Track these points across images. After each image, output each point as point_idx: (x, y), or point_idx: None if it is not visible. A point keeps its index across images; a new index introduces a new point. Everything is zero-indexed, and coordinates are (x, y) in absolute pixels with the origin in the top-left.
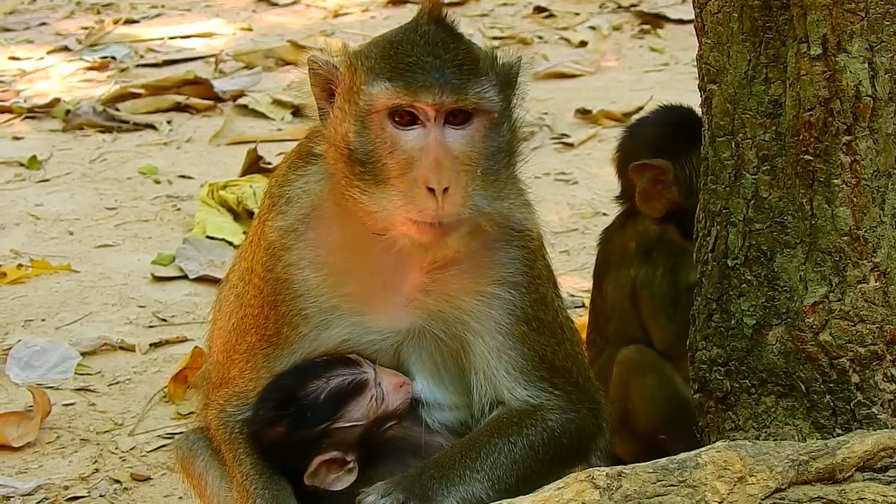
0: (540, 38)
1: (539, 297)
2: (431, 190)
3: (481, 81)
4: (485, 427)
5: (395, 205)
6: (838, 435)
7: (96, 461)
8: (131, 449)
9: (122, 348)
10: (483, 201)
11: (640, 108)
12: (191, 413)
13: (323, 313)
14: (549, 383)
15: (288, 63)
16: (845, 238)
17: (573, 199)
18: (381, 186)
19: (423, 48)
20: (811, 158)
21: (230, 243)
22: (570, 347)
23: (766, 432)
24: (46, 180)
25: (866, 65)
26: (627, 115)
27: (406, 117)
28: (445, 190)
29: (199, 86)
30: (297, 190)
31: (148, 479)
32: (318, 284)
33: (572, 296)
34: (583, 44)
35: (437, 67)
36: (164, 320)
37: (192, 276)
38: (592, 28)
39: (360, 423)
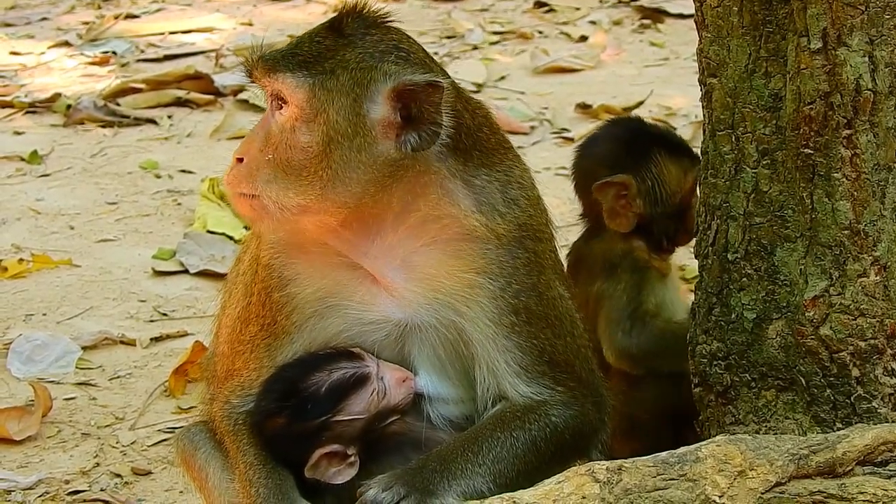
0: (540, 32)
1: (525, 287)
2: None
3: (294, 74)
4: (488, 421)
5: None
6: (839, 429)
7: (97, 455)
8: (132, 443)
9: (122, 343)
10: (270, 188)
11: (641, 103)
12: (191, 407)
13: (314, 302)
14: (551, 379)
15: None
16: (846, 232)
17: (573, 194)
18: None
19: (299, 37)
20: (811, 152)
21: (231, 238)
22: (572, 340)
23: (766, 426)
24: (47, 175)
25: (866, 58)
26: (627, 109)
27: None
28: (242, 161)
29: (199, 81)
30: None
31: (149, 473)
32: (302, 272)
33: None
34: (583, 38)
35: (280, 51)
36: (164, 315)
37: (192, 271)
38: (592, 23)
39: (361, 417)
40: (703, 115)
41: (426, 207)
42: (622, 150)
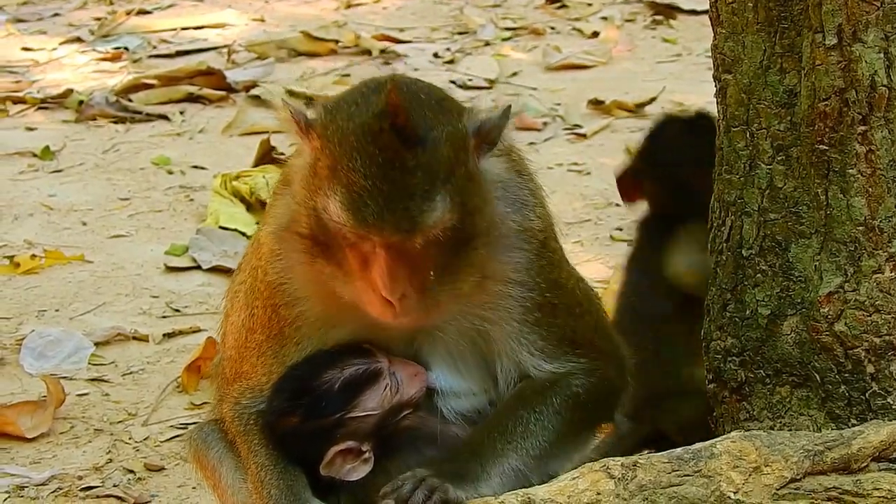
0: (552, 28)
1: (550, 284)
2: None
3: (436, 201)
4: (510, 400)
5: (358, 298)
6: (853, 425)
7: (110, 451)
8: (145, 439)
9: (135, 338)
10: (449, 293)
11: (653, 99)
12: (204, 403)
13: (325, 317)
14: (572, 355)
15: (300, 54)
16: (860, 228)
17: (586, 190)
18: (344, 275)
19: (378, 170)
20: (826, 148)
21: (243, 234)
22: (590, 318)
23: (781, 422)
24: (60, 171)
25: (882, 55)
26: (640, 105)
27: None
28: (405, 298)
29: (211, 76)
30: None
31: (161, 469)
32: (314, 292)
33: None
34: (595, 34)
35: (388, 203)
36: (177, 311)
37: (205, 267)
38: (605, 19)
39: (374, 413)
40: (718, 112)
41: None
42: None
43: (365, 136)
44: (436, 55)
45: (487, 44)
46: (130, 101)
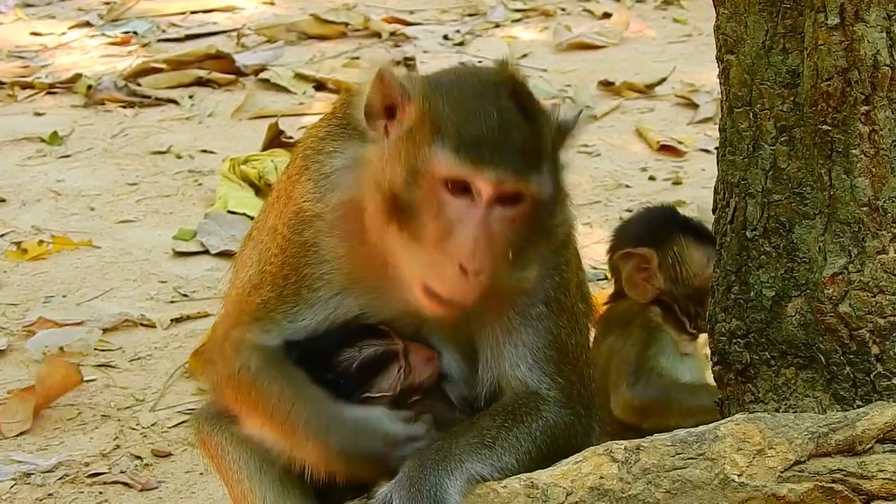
0: (563, 9)
1: (562, 282)
2: (462, 268)
3: (542, 170)
4: (486, 416)
5: (421, 267)
6: (858, 407)
7: (117, 437)
8: (152, 425)
9: (143, 324)
10: (504, 276)
11: (664, 80)
12: None
13: (345, 279)
14: (554, 367)
15: (310, 37)
16: (864, 208)
17: (596, 172)
18: (413, 243)
19: (495, 123)
20: (829, 128)
21: (252, 218)
22: (581, 338)
23: (786, 404)
24: (68, 156)
25: (884, 34)
26: (650, 86)
27: (459, 185)
28: (478, 271)
29: (220, 60)
30: (335, 169)
31: (169, 455)
32: (345, 254)
33: (594, 268)
34: (606, 15)
35: (504, 149)
36: (185, 296)
37: (213, 251)
38: None
39: (386, 395)
40: (721, 92)
41: None
42: (650, 228)
43: (481, 97)
44: (446, 37)
45: (497, 25)
46: (139, 85)
